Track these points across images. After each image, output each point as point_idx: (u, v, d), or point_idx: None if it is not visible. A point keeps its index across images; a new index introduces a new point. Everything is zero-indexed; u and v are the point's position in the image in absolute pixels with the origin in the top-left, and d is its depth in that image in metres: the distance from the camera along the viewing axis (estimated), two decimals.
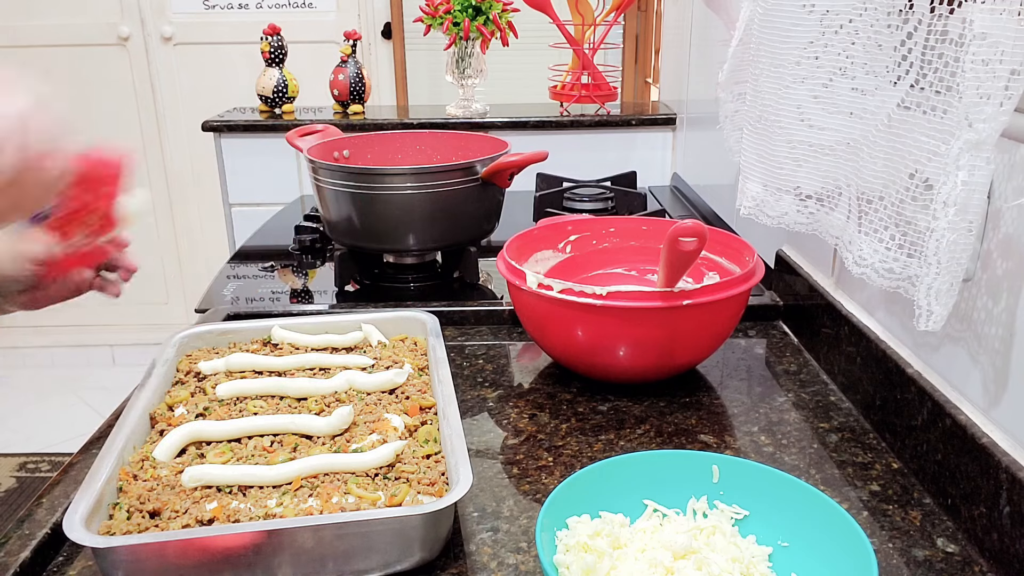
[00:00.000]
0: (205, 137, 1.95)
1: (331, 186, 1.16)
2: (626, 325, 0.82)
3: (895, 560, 0.63)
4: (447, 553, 0.64)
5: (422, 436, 0.71)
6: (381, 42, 2.89)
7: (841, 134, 0.73)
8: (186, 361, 0.85)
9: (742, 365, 0.96)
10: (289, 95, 1.96)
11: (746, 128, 0.88)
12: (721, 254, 0.99)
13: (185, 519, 0.61)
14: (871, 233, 0.70)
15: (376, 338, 0.89)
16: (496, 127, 1.88)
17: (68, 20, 2.87)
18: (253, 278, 1.27)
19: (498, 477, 0.75)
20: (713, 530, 0.61)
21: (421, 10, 1.81)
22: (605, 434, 0.82)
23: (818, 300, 0.95)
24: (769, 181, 0.85)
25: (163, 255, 3.16)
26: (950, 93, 0.58)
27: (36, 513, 0.69)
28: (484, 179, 1.16)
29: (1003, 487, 0.60)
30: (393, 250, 1.23)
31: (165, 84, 2.93)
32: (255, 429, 0.72)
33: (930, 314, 0.62)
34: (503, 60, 2.22)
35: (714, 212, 1.47)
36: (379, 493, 0.63)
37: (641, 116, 1.92)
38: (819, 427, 0.82)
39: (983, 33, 0.53)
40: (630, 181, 1.70)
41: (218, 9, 2.85)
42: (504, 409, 0.87)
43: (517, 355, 1.01)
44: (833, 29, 0.71)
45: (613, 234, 1.07)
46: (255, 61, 2.07)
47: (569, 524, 0.60)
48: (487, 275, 1.26)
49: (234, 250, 1.69)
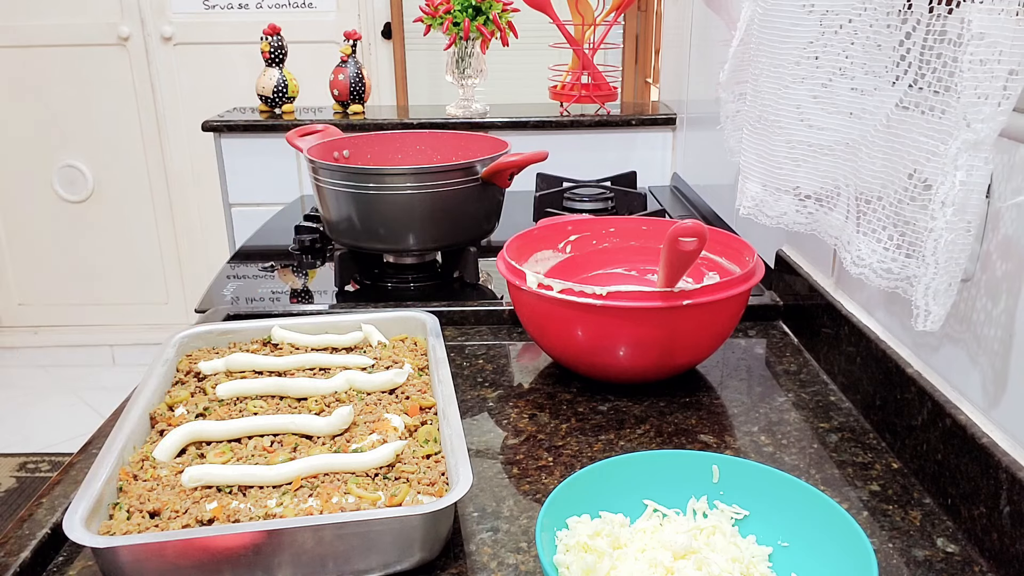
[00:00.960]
0: (205, 137, 1.95)
1: (331, 186, 1.16)
2: (626, 325, 0.83)
3: (895, 560, 0.63)
4: (447, 553, 0.65)
5: (422, 436, 0.71)
6: (381, 42, 2.89)
7: (840, 134, 0.73)
8: (186, 361, 0.86)
9: (742, 365, 0.96)
10: (289, 95, 1.96)
11: (746, 128, 0.88)
12: (721, 254, 0.99)
13: (185, 519, 0.61)
14: (869, 233, 0.70)
15: (376, 338, 0.89)
16: (496, 127, 1.88)
17: (68, 20, 2.87)
18: (253, 278, 1.27)
19: (498, 477, 0.75)
20: (713, 530, 0.61)
21: (421, 10, 1.81)
22: (605, 434, 0.82)
23: (818, 300, 0.95)
24: (768, 181, 0.85)
25: (163, 255, 3.16)
26: (948, 93, 0.58)
27: (36, 513, 0.69)
28: (484, 179, 1.16)
29: (1003, 487, 0.60)
30: (393, 250, 1.23)
31: (165, 84, 2.93)
32: (255, 429, 0.72)
33: (928, 314, 0.62)
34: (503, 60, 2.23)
35: (714, 212, 1.47)
36: (379, 493, 0.63)
37: (641, 116, 1.92)
38: (819, 427, 0.82)
39: (981, 33, 0.53)
40: (630, 181, 1.70)
41: (218, 9, 2.85)
42: (504, 409, 0.87)
43: (517, 355, 1.01)
44: (833, 29, 0.71)
45: (613, 234, 1.07)
46: (255, 61, 2.08)
47: (569, 524, 0.60)
48: (487, 275, 1.26)
49: (234, 250, 1.70)
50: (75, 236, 3.14)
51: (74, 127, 2.99)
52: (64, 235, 3.14)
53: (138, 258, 3.16)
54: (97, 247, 3.15)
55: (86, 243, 3.14)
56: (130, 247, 3.14)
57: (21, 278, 3.20)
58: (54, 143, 3.01)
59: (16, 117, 2.98)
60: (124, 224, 3.12)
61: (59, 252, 3.16)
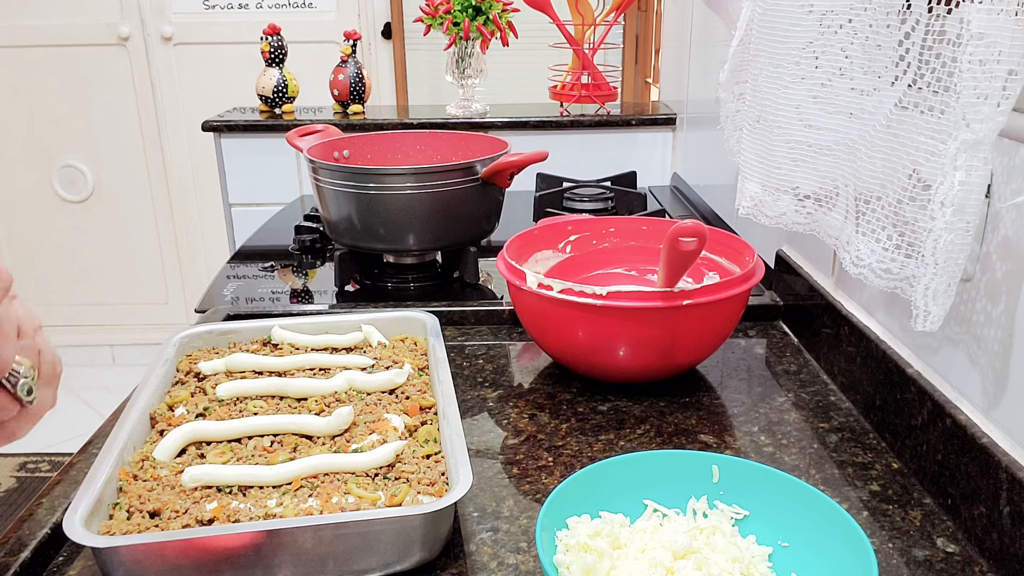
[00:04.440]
0: (205, 137, 1.95)
1: (331, 186, 1.16)
2: (626, 325, 0.83)
3: (895, 560, 0.63)
4: (447, 553, 0.65)
5: (422, 436, 0.71)
6: (381, 42, 2.89)
7: (839, 134, 0.73)
8: (186, 361, 0.86)
9: (742, 365, 0.96)
10: (289, 95, 1.96)
11: (745, 128, 0.88)
12: (721, 254, 0.99)
13: (185, 519, 0.61)
14: (869, 233, 0.70)
15: (376, 338, 0.89)
16: (496, 127, 1.88)
17: (68, 20, 2.87)
18: (253, 278, 1.27)
19: (498, 477, 0.75)
20: (713, 530, 0.61)
21: (421, 10, 1.81)
22: (605, 434, 0.82)
23: (818, 300, 0.95)
24: (767, 181, 0.85)
25: (163, 255, 3.16)
26: (948, 93, 0.58)
27: (36, 513, 0.69)
28: (484, 179, 1.16)
29: (1003, 487, 0.60)
30: (393, 250, 1.23)
31: (165, 84, 2.93)
32: (255, 429, 0.72)
33: (927, 314, 0.62)
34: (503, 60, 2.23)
35: (714, 212, 1.47)
36: (379, 493, 0.64)
37: (641, 116, 1.92)
38: (819, 427, 0.82)
39: (980, 33, 0.53)
40: (630, 181, 1.70)
41: (218, 9, 2.85)
42: (504, 409, 0.87)
43: (517, 355, 1.01)
44: (832, 29, 0.71)
45: (613, 234, 1.07)
46: (255, 61, 2.08)
47: (569, 524, 0.60)
48: (487, 275, 1.26)
49: (234, 250, 1.70)
50: (75, 236, 3.14)
51: (74, 127, 2.99)
52: (64, 235, 3.14)
53: (138, 258, 3.16)
54: (97, 247, 3.15)
55: (86, 243, 3.14)
56: (130, 247, 3.14)
57: (21, 278, 3.20)
58: (54, 143, 3.01)
59: (16, 117, 2.98)
60: (124, 224, 3.12)
61: (59, 252, 3.16)
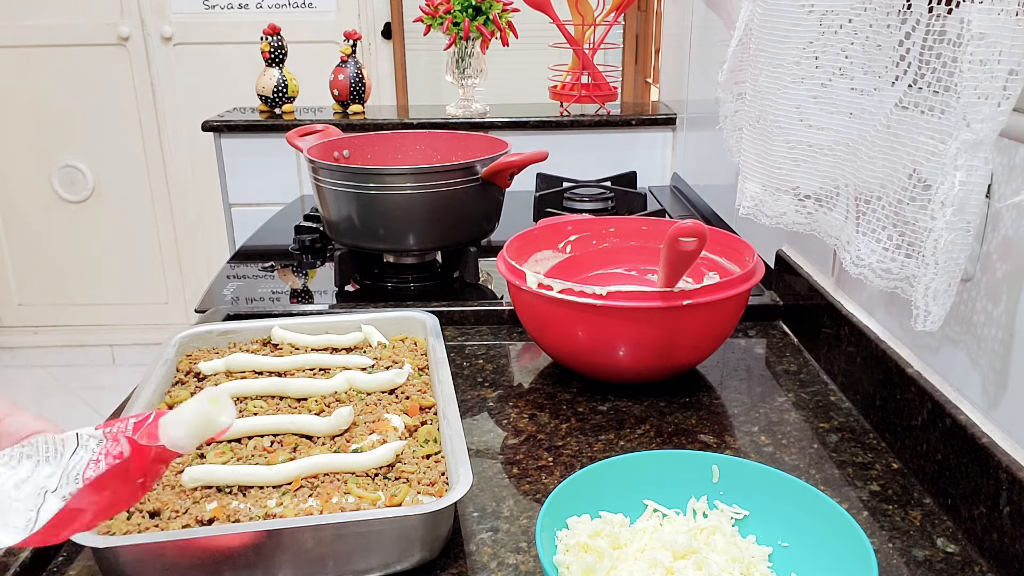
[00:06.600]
0: (205, 137, 1.95)
1: (331, 186, 1.16)
2: (626, 325, 0.83)
3: (895, 560, 0.63)
4: (447, 553, 0.65)
5: (422, 436, 0.71)
6: (381, 42, 2.89)
7: (840, 134, 0.73)
8: (186, 361, 0.85)
9: (742, 365, 0.96)
10: (289, 95, 1.96)
11: (745, 128, 0.88)
12: (721, 254, 0.99)
13: (185, 519, 0.61)
14: (869, 233, 0.70)
15: (376, 338, 0.89)
16: (496, 127, 1.88)
17: (68, 20, 2.87)
18: (253, 278, 1.27)
19: (498, 477, 0.75)
20: (713, 530, 0.61)
21: (421, 10, 1.81)
22: (605, 434, 0.82)
23: (818, 300, 0.95)
24: (768, 181, 0.85)
25: (163, 255, 3.16)
26: (948, 93, 0.58)
27: None
28: (484, 179, 1.16)
29: (1003, 487, 0.60)
30: (393, 250, 1.23)
31: (165, 84, 2.93)
32: (255, 429, 0.72)
33: (927, 314, 0.62)
34: (503, 60, 2.22)
35: (714, 212, 1.47)
36: (379, 493, 0.64)
37: (641, 116, 1.92)
38: (819, 427, 0.82)
39: (981, 33, 0.53)
40: (630, 181, 1.70)
41: (218, 9, 2.85)
42: (504, 409, 0.87)
43: (517, 355, 1.01)
44: (832, 29, 0.71)
45: (613, 234, 1.07)
46: (255, 61, 2.08)
47: (569, 524, 0.60)
48: (487, 275, 1.26)
49: (234, 250, 1.70)
50: (75, 236, 3.14)
51: (74, 127, 2.99)
52: (64, 235, 3.14)
53: (138, 258, 3.16)
54: (97, 247, 3.15)
55: (86, 243, 3.14)
56: (130, 247, 3.14)
57: (21, 278, 3.20)
58: (54, 143, 3.01)
59: (16, 117, 2.98)
60: (124, 224, 3.12)
61: (59, 252, 3.16)
